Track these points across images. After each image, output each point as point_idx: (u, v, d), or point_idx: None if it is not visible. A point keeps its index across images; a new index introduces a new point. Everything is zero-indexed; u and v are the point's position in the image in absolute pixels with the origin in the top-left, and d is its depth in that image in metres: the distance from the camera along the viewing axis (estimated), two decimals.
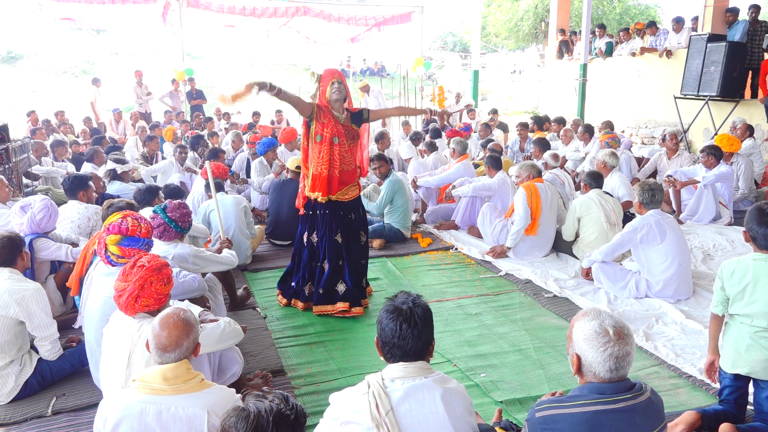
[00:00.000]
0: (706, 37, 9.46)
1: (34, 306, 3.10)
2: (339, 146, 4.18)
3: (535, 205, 5.42)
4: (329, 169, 4.18)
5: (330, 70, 4.22)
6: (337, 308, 4.28)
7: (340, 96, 4.15)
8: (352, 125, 4.27)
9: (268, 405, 1.75)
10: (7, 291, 3.07)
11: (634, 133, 12.24)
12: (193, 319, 2.24)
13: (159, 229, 3.58)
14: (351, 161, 4.31)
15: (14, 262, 3.25)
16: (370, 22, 15.34)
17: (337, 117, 4.18)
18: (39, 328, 3.15)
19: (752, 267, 2.71)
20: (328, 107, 4.18)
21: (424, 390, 1.96)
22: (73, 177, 4.93)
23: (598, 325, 1.86)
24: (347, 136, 4.22)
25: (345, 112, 4.25)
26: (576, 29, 17.14)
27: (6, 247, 3.22)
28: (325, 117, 4.17)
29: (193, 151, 8.30)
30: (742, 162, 7.08)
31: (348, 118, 4.27)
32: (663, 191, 4.55)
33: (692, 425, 2.73)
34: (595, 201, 5.25)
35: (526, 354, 3.70)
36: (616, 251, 4.58)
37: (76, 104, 17.35)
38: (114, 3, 12.75)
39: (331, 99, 4.15)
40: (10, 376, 3.12)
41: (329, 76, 4.16)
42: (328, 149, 4.16)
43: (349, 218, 4.36)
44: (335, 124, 4.16)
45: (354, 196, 4.38)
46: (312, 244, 4.37)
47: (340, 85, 4.15)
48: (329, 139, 4.15)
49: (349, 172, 4.30)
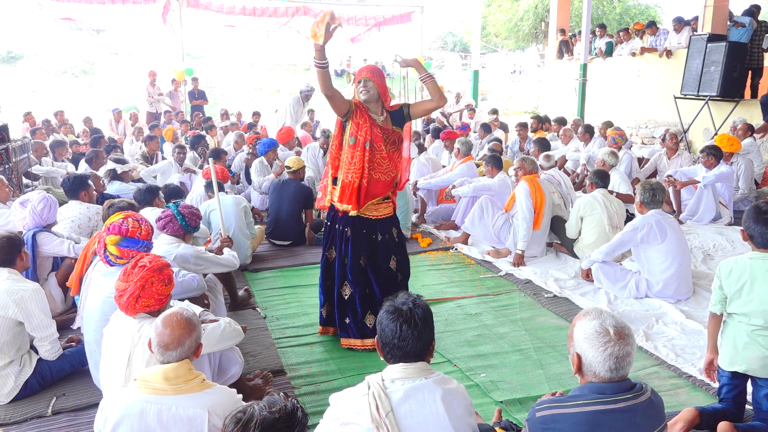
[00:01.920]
0: (706, 37, 9.47)
1: (33, 306, 3.10)
2: (375, 152, 3.64)
3: (540, 198, 5.41)
4: (360, 177, 3.62)
5: (362, 68, 3.73)
6: (366, 344, 3.75)
7: (368, 96, 3.62)
8: (393, 127, 3.72)
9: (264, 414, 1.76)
10: (6, 291, 3.07)
11: (634, 133, 12.24)
12: (196, 319, 2.24)
13: (165, 219, 3.61)
14: (389, 170, 3.71)
15: (13, 263, 3.25)
16: (370, 22, 15.36)
17: (374, 118, 3.67)
18: (38, 328, 3.15)
19: (749, 266, 2.72)
20: (365, 107, 3.68)
21: (424, 391, 1.96)
22: (73, 177, 4.94)
23: (599, 325, 1.86)
24: (386, 140, 3.67)
25: (383, 113, 3.72)
26: (576, 29, 17.14)
27: (5, 247, 3.22)
28: (361, 117, 3.64)
29: (194, 150, 8.31)
30: (742, 162, 7.09)
31: (387, 120, 3.72)
32: (664, 191, 4.54)
33: (691, 423, 2.74)
34: (599, 201, 5.20)
35: (526, 354, 3.70)
36: (616, 251, 4.58)
37: (75, 104, 17.36)
38: (114, 3, 12.76)
39: (360, 99, 3.67)
40: (10, 377, 3.12)
41: (358, 74, 3.69)
42: (361, 154, 3.61)
43: (374, 239, 3.76)
44: (371, 127, 3.63)
45: (384, 214, 3.79)
46: (327, 261, 3.86)
47: (367, 84, 3.61)
48: (362, 143, 3.61)
49: (382, 183, 3.71)
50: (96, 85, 21.87)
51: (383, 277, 3.78)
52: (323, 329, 3.98)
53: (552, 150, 7.40)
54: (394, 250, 3.82)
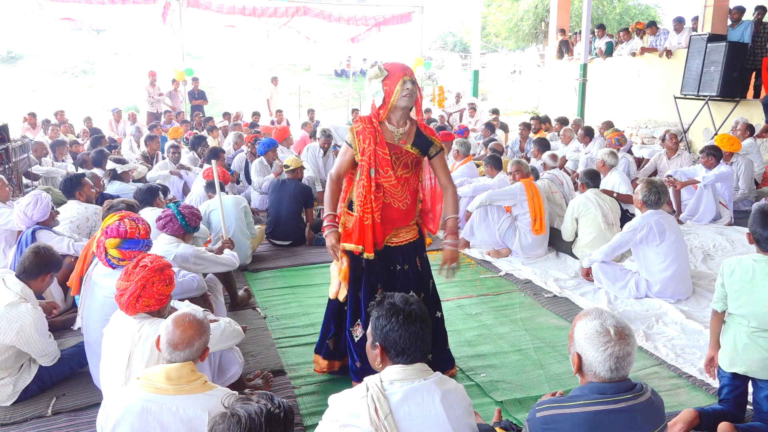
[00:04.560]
0: (706, 37, 9.47)
1: (34, 336, 3.03)
2: (382, 178, 2.98)
3: (538, 203, 5.42)
4: (371, 212, 2.97)
5: (401, 65, 2.96)
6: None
7: (410, 102, 2.95)
8: (411, 147, 3.02)
9: (256, 407, 1.72)
10: (4, 318, 2.95)
11: (634, 133, 12.24)
12: (206, 322, 2.26)
13: (165, 219, 3.61)
14: (405, 196, 3.05)
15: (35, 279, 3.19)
16: (370, 22, 15.37)
17: (388, 132, 3.00)
18: (38, 351, 3.11)
19: (752, 267, 2.71)
20: (375, 120, 3.00)
21: (423, 392, 1.95)
22: (67, 178, 4.94)
23: (600, 325, 1.86)
24: (394, 162, 2.98)
25: (407, 123, 3.03)
26: (576, 29, 17.14)
27: (33, 263, 3.15)
28: (365, 140, 2.97)
29: (194, 151, 8.33)
30: (742, 162, 7.09)
31: (409, 134, 3.03)
32: (668, 193, 4.52)
33: (690, 423, 2.74)
34: (592, 201, 5.26)
35: (526, 354, 3.70)
36: (615, 251, 4.58)
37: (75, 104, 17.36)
38: (114, 3, 12.77)
39: (398, 105, 2.93)
40: (8, 386, 3.10)
41: (400, 71, 2.91)
42: (367, 183, 2.96)
43: (392, 270, 3.11)
44: (375, 146, 2.96)
45: (407, 239, 3.14)
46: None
47: (414, 87, 2.92)
48: (367, 170, 2.96)
49: (402, 211, 3.07)
50: (96, 85, 21.87)
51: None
52: (329, 364, 3.35)
53: (552, 150, 7.40)
54: (417, 280, 3.14)
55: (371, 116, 3.03)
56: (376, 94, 2.97)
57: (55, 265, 3.27)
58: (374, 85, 2.97)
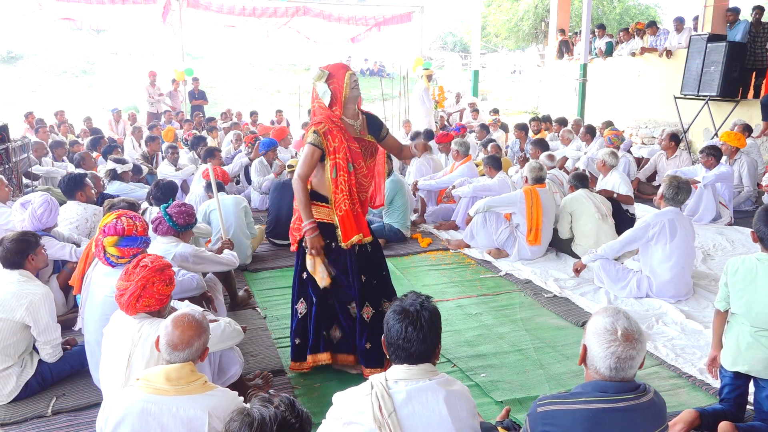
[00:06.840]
0: (706, 37, 9.46)
1: (43, 310, 3.08)
2: (358, 171, 3.21)
3: (536, 213, 5.35)
4: (351, 204, 3.18)
5: (338, 64, 3.23)
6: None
7: (358, 91, 3.19)
8: (368, 136, 3.30)
9: (273, 412, 1.71)
10: (15, 295, 3.04)
11: (634, 133, 12.25)
12: (206, 323, 2.25)
13: (155, 222, 3.66)
14: (371, 182, 3.38)
15: (22, 265, 3.21)
16: (370, 22, 15.37)
17: (349, 126, 3.20)
18: (44, 332, 3.14)
19: (756, 266, 2.71)
20: (337, 118, 3.16)
21: (427, 392, 1.95)
22: (68, 178, 4.90)
23: (610, 323, 1.87)
24: (364, 153, 3.24)
25: (359, 116, 3.28)
26: (576, 29, 17.14)
27: (11, 251, 3.18)
28: (334, 138, 3.13)
29: (194, 151, 8.33)
30: (746, 160, 7.10)
31: (364, 124, 3.30)
32: (689, 192, 4.47)
33: (691, 424, 2.74)
34: (584, 196, 5.45)
35: (526, 354, 3.70)
36: (625, 247, 4.53)
37: (75, 104, 17.36)
38: (114, 3, 12.78)
39: (351, 96, 3.15)
40: (11, 377, 3.12)
41: (342, 68, 3.17)
42: (345, 179, 3.14)
43: (364, 251, 3.33)
44: (346, 142, 3.14)
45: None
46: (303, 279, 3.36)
47: (357, 78, 3.21)
48: (345, 167, 3.13)
49: (368, 196, 3.41)
50: (96, 85, 21.88)
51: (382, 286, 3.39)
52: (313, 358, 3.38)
53: (551, 150, 7.41)
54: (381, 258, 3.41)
55: (328, 116, 3.17)
56: (324, 94, 3.16)
57: (32, 244, 3.27)
58: (320, 86, 3.17)
